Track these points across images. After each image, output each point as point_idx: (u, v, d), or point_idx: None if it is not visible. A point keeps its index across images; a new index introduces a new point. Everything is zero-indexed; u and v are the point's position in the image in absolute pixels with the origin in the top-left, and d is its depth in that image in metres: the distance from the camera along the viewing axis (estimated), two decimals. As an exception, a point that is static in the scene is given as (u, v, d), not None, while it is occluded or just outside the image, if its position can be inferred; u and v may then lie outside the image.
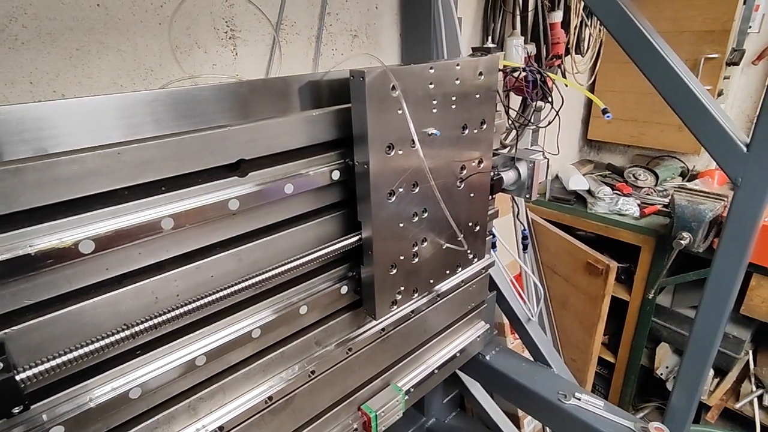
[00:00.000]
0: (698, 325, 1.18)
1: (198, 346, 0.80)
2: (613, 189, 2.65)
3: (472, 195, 1.12)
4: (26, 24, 1.03)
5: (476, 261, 1.23)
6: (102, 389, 0.71)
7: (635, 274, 2.50)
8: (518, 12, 2.06)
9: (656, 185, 2.74)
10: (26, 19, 1.03)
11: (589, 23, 2.53)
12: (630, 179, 2.78)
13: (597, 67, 2.93)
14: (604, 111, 1.18)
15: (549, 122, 1.24)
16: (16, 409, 0.60)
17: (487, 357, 1.53)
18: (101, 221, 0.65)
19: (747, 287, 2.17)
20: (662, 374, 2.66)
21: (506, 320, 1.93)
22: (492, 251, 1.40)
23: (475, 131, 1.06)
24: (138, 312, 0.72)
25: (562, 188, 2.83)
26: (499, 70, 1.11)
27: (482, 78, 1.03)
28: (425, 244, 1.05)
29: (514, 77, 1.23)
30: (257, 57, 1.45)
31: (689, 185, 2.36)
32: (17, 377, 0.59)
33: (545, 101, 1.27)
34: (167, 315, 0.71)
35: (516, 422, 2.24)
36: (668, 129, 2.77)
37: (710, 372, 2.33)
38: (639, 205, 2.50)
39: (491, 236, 1.37)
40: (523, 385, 1.44)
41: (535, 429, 2.40)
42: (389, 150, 0.89)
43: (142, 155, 0.67)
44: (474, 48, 1.11)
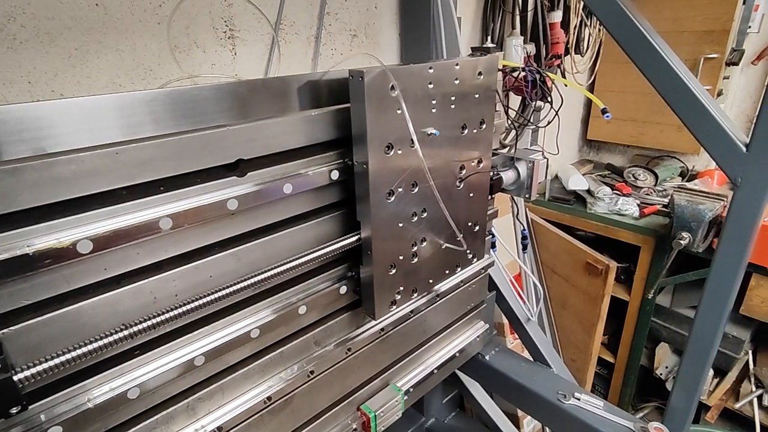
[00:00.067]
0: (698, 325, 1.18)
1: (197, 347, 0.80)
2: (613, 189, 2.65)
3: (472, 195, 1.12)
4: (24, 23, 1.03)
5: (476, 261, 1.23)
6: (100, 389, 0.71)
7: (635, 274, 2.50)
8: (518, 12, 2.06)
9: (656, 185, 2.74)
10: (24, 19, 1.03)
11: (589, 23, 2.53)
12: (629, 179, 2.78)
13: (596, 67, 2.93)
14: (604, 111, 1.18)
15: (548, 122, 1.24)
16: (14, 410, 0.60)
17: (487, 357, 1.53)
18: (99, 221, 0.65)
19: (746, 287, 2.17)
20: (662, 374, 2.66)
21: (506, 320, 1.93)
22: (491, 251, 1.40)
23: (475, 131, 1.06)
24: (136, 312, 0.71)
25: (562, 188, 2.83)
26: (499, 70, 1.10)
27: (481, 78, 1.03)
28: (424, 244, 1.05)
29: (514, 77, 1.23)
30: (256, 57, 1.45)
31: (689, 185, 2.36)
32: (15, 377, 0.59)
33: (545, 101, 1.26)
34: (166, 315, 0.71)
35: (515, 422, 2.24)
36: (668, 129, 2.77)
37: (710, 372, 2.33)
38: (638, 205, 2.50)
39: (491, 236, 1.37)
40: (523, 385, 1.44)
41: (535, 429, 2.40)
42: (388, 150, 0.89)
43: (141, 155, 0.67)
44: (473, 48, 1.11)
